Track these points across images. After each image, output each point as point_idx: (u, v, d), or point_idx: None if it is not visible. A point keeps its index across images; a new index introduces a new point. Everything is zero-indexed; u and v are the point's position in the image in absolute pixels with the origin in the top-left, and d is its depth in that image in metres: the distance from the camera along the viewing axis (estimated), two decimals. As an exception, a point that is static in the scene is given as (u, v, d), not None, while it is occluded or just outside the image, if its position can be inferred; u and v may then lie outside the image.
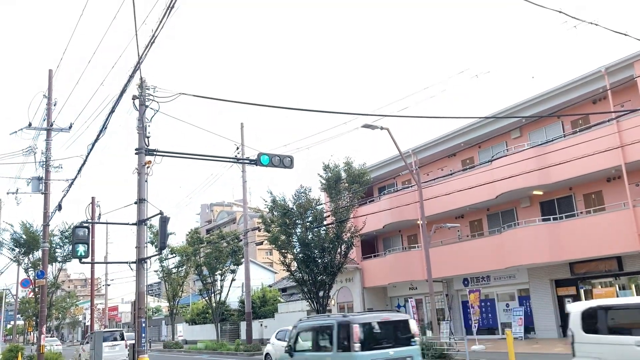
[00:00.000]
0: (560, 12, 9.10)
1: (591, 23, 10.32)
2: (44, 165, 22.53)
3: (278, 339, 20.68)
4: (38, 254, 28.37)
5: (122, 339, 23.77)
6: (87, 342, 28.87)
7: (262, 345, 33.52)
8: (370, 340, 10.28)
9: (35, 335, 53.10)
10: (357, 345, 9.87)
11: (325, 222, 26.09)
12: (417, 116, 13.66)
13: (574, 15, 9.88)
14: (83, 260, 12.59)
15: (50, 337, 47.66)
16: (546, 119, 23.34)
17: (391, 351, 10.28)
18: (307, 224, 26.00)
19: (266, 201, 26.80)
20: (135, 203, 12.78)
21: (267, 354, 21.48)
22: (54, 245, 29.65)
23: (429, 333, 24.15)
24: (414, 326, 11.11)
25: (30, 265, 29.44)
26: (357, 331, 9.99)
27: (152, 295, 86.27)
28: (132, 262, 12.68)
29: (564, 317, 22.96)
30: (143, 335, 12.23)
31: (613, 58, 20.22)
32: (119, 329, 30.78)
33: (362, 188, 26.01)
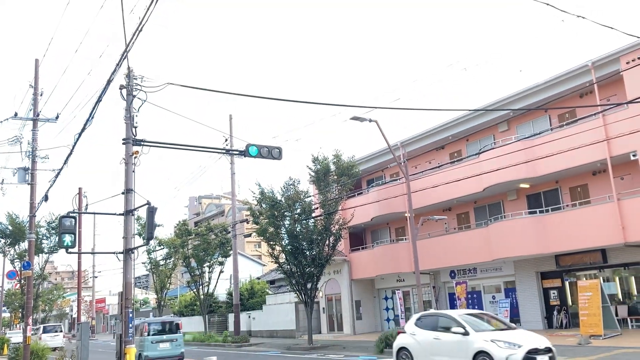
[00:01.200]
0: (547, 4, 9.16)
1: (578, 16, 10.39)
2: (30, 156, 22.35)
3: (423, 328, 14.14)
4: (24, 245, 28.12)
5: (61, 331, 31.34)
6: (35, 333, 30.88)
7: (249, 336, 33.66)
8: (155, 331, 20.87)
9: (21, 327, 52.71)
10: (146, 333, 20.60)
11: (313, 214, 26.13)
12: (405, 108, 13.71)
13: (561, 8, 9.95)
14: (70, 250, 12.50)
15: (18, 330, 47.70)
16: (534, 112, 23.51)
17: (165, 336, 20.64)
18: (296, 215, 26.03)
19: (254, 193, 26.77)
20: (123, 193, 12.72)
21: (403, 348, 14.36)
22: (41, 236, 29.40)
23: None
24: (180, 323, 22.30)
25: (16, 256, 29.16)
26: (146, 327, 20.87)
27: (140, 288, 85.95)
28: (120, 253, 12.62)
29: (549, 309, 23.28)
30: (130, 325, 12.21)
31: (600, 52, 20.40)
32: (58, 324, 40.14)
33: (350, 180, 26.06)
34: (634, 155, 19.01)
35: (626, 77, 19.28)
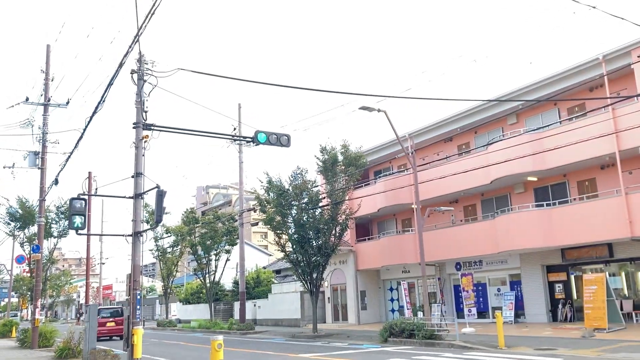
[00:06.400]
0: (558, -7, 9.14)
1: (589, 6, 10.38)
2: (41, 140, 22.59)
3: None
4: (34, 228, 28.40)
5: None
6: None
7: (255, 324, 33.89)
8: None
9: (27, 312, 53.33)
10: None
11: (320, 204, 26.22)
12: (414, 97, 13.76)
13: (572, -2, 9.94)
14: (80, 232, 12.66)
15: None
16: (543, 105, 23.44)
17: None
18: (303, 205, 26.12)
19: (262, 182, 26.90)
20: (133, 177, 12.87)
21: None
22: (50, 220, 29.64)
23: (420, 314, 24.44)
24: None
25: (25, 239, 29.43)
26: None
27: (147, 276, 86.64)
28: (129, 235, 12.79)
29: (554, 302, 23.31)
30: (138, 307, 12.37)
31: (611, 46, 20.30)
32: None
33: (358, 171, 26.10)
34: (643, 150, 18.94)
35: (637, 71, 19.19)
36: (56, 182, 20.62)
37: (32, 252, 25.14)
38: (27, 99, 22.45)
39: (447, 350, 16.00)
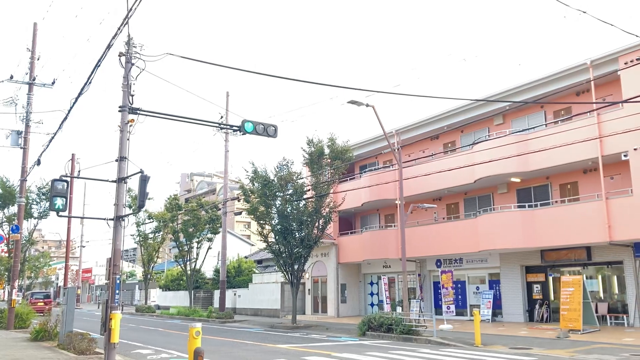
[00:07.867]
0: (549, -4, 9.19)
1: (579, 11, 10.46)
2: (24, 120, 22.31)
3: None
4: (14, 209, 28.12)
5: None
6: None
7: (234, 313, 33.87)
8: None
9: (4, 292, 52.69)
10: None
11: (305, 196, 26.22)
12: (403, 94, 13.76)
13: (562, 1, 10.01)
14: (60, 213, 12.52)
15: None
16: (530, 107, 23.63)
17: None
18: (287, 196, 26.11)
19: (247, 171, 26.82)
20: (116, 161, 12.73)
21: None
22: (31, 201, 29.35)
23: (399, 309, 24.60)
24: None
25: (5, 219, 29.12)
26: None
27: (127, 261, 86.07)
28: (110, 219, 12.67)
29: (531, 302, 23.61)
30: (117, 292, 12.28)
31: (598, 53, 20.50)
32: None
33: (343, 164, 26.14)
34: (625, 156, 19.18)
35: (623, 77, 19.39)
36: (38, 162, 20.39)
37: (11, 232, 24.85)
38: (11, 77, 22.15)
39: (424, 346, 16.13)
